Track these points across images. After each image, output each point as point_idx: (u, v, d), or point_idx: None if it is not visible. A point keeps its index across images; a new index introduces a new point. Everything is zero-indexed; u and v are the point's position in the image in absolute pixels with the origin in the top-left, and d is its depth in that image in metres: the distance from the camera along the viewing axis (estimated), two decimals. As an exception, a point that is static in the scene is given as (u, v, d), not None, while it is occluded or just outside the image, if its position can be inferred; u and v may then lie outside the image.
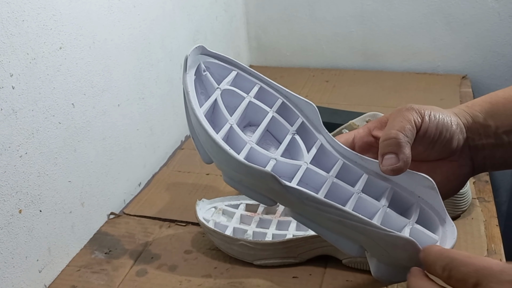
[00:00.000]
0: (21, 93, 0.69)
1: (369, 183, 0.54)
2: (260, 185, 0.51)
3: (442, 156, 0.57)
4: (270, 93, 0.57)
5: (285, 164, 0.53)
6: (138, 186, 1.00)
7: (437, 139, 0.55)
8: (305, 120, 0.56)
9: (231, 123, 0.53)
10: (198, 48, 0.55)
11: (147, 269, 0.78)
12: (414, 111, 0.54)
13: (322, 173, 0.54)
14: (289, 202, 0.51)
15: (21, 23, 0.68)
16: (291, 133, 0.55)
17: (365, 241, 0.50)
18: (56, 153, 0.76)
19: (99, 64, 0.85)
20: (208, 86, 0.56)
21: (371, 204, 0.53)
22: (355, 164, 0.55)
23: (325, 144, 0.56)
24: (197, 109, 0.52)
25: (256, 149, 0.53)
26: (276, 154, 0.53)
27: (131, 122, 0.96)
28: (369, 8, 1.44)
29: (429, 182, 0.53)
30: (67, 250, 0.81)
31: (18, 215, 0.70)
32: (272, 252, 0.77)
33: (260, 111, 0.56)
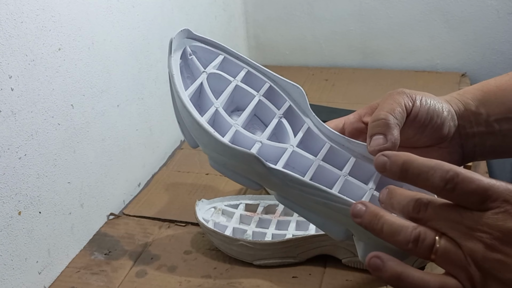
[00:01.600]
0: (20, 94, 0.69)
1: (357, 166, 0.54)
2: (245, 168, 0.50)
3: (432, 143, 0.57)
4: (257, 77, 0.56)
5: (271, 147, 0.53)
6: (137, 187, 1.00)
7: (427, 124, 0.55)
8: (292, 104, 0.56)
9: (217, 106, 0.53)
10: (184, 31, 0.55)
11: (147, 270, 0.79)
12: (405, 95, 0.54)
13: (309, 156, 0.53)
14: (274, 185, 0.51)
15: (20, 24, 0.68)
16: (277, 116, 0.55)
17: (351, 223, 0.49)
18: (56, 154, 0.76)
19: (98, 65, 0.85)
20: (195, 70, 0.55)
21: (357, 187, 0.52)
22: (342, 147, 0.55)
23: (312, 128, 0.55)
24: (182, 92, 0.52)
25: (242, 132, 0.53)
26: (261, 137, 0.53)
27: (130, 122, 0.96)
28: (368, 6, 1.44)
29: None
30: (66, 252, 0.81)
31: (17, 217, 0.70)
32: (272, 252, 0.77)
33: (247, 95, 0.56)
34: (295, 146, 0.53)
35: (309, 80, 1.43)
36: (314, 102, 1.26)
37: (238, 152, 0.49)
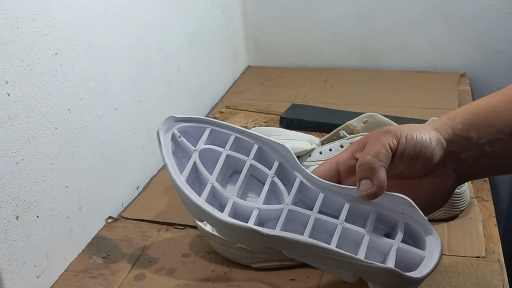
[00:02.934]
0: (17, 99, 0.69)
1: (353, 210, 0.57)
2: (249, 236, 0.55)
3: (425, 172, 0.58)
4: (245, 141, 0.61)
5: (269, 211, 0.57)
6: (136, 190, 1.00)
7: (416, 158, 0.56)
8: (282, 161, 0.59)
9: (212, 183, 0.57)
10: (168, 119, 0.60)
11: (145, 273, 0.79)
12: (389, 134, 0.56)
13: (305, 212, 0.57)
14: (278, 246, 0.56)
15: (16, 29, 0.68)
16: (270, 177, 0.59)
17: (354, 270, 0.54)
18: (53, 158, 0.77)
19: (95, 68, 0.85)
20: (187, 150, 0.60)
21: (356, 233, 0.56)
22: (335, 194, 0.58)
23: (304, 181, 0.59)
24: (177, 178, 0.56)
25: (239, 203, 0.57)
26: (258, 203, 0.57)
27: (129, 125, 0.96)
28: (367, 7, 1.43)
29: (406, 201, 0.56)
30: (65, 255, 0.81)
31: (15, 222, 0.70)
32: (270, 255, 0.77)
33: (239, 161, 0.60)
34: (290, 204, 0.57)
35: (309, 81, 1.43)
36: (313, 103, 1.26)
37: (238, 227, 0.54)
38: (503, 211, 1.52)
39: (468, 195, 0.85)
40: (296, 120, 1.16)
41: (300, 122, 1.15)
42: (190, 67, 1.20)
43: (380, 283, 0.54)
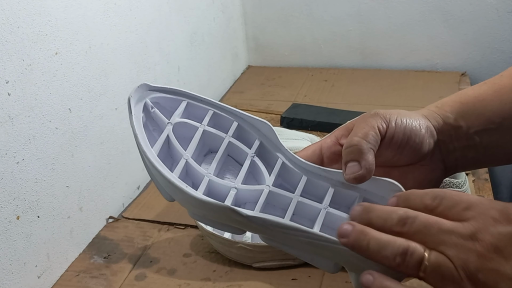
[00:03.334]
0: (17, 99, 0.69)
1: (337, 195, 0.53)
2: (224, 218, 0.50)
3: (412, 161, 0.55)
4: (224, 117, 0.56)
5: (247, 191, 0.53)
6: (137, 189, 1.00)
7: (405, 144, 0.53)
8: (263, 141, 0.55)
9: (186, 158, 0.52)
10: (141, 87, 0.55)
11: (146, 273, 0.79)
12: (378, 117, 0.53)
13: (286, 194, 0.53)
14: (256, 229, 0.51)
15: (16, 29, 0.68)
16: (250, 156, 0.54)
17: (338, 257, 0.50)
18: (54, 158, 0.76)
19: (95, 68, 0.85)
20: (160, 122, 0.55)
21: (340, 219, 0.52)
22: (319, 177, 0.54)
23: (286, 162, 0.54)
24: (148, 151, 0.52)
25: (215, 181, 0.52)
26: (236, 182, 0.52)
27: (129, 125, 0.95)
28: (366, 6, 1.43)
29: (395, 186, 0.52)
30: (65, 255, 0.81)
31: (16, 222, 0.70)
32: (271, 255, 0.77)
33: (217, 138, 0.55)
34: (271, 186, 0.53)
35: (308, 81, 1.43)
36: (313, 103, 1.26)
37: (213, 205, 0.48)
38: (503, 210, 1.51)
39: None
40: (296, 119, 1.16)
41: (300, 122, 1.15)
42: (190, 67, 1.20)
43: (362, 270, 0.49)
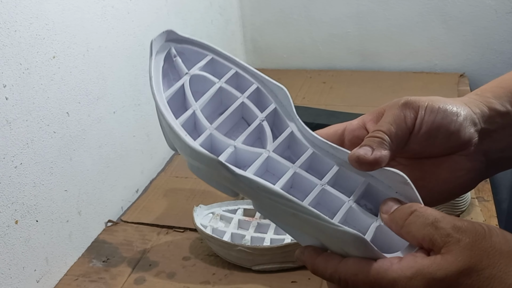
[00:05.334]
0: (15, 103, 0.69)
1: (341, 175, 0.50)
2: (215, 173, 0.48)
3: (449, 151, 0.50)
4: (245, 78, 0.54)
5: (246, 152, 0.51)
6: (135, 193, 0.99)
7: (436, 133, 0.48)
8: (278, 106, 0.53)
9: (194, 109, 0.51)
10: (166, 32, 0.53)
11: (145, 277, 0.78)
12: (407, 109, 0.49)
13: (285, 162, 0.50)
14: (245, 192, 0.48)
15: (13, 33, 0.68)
16: (259, 119, 0.52)
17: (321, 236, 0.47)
18: (52, 162, 0.76)
19: (93, 72, 0.84)
20: (180, 72, 0.54)
21: (336, 199, 0.49)
22: (326, 154, 0.51)
23: (296, 132, 0.52)
24: (158, 93, 0.51)
25: (216, 136, 0.50)
26: (236, 141, 0.50)
27: (127, 128, 0.96)
28: (365, 8, 1.43)
29: (401, 177, 0.48)
30: (64, 260, 0.80)
31: (14, 226, 0.70)
32: (271, 257, 0.77)
33: (233, 97, 0.53)
34: (271, 152, 0.51)
35: (307, 83, 1.42)
36: (312, 105, 1.26)
37: (204, 157, 0.47)
38: (503, 211, 1.51)
39: (469, 196, 0.85)
40: (295, 121, 1.15)
41: (299, 124, 1.15)
42: (189, 70, 1.19)
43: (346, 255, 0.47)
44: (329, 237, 0.46)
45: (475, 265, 0.40)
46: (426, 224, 0.42)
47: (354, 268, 0.43)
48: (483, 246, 0.40)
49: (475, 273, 0.40)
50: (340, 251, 0.46)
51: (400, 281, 0.40)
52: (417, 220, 0.43)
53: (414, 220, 0.43)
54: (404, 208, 0.45)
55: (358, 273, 0.42)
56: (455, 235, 0.41)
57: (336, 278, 0.44)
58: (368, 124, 0.52)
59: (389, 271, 0.41)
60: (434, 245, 0.41)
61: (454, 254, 0.40)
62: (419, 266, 0.40)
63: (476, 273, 0.40)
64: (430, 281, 0.40)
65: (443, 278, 0.40)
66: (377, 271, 0.41)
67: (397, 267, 0.41)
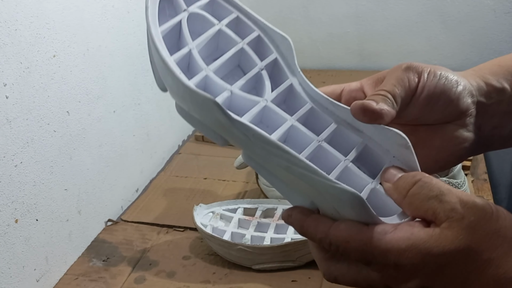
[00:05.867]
0: (15, 102, 0.69)
1: (338, 134, 0.48)
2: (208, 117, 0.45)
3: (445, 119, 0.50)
4: (246, 24, 0.51)
5: (242, 99, 0.48)
6: (135, 192, 0.99)
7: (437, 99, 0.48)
8: (279, 57, 0.50)
9: (191, 48, 0.48)
10: None
11: (146, 276, 0.78)
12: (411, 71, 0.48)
13: (283, 114, 0.48)
14: (237, 140, 0.45)
15: (14, 32, 0.68)
16: (258, 68, 0.49)
17: (314, 194, 0.45)
18: (52, 161, 0.76)
19: (93, 71, 0.84)
20: (177, 8, 0.50)
21: (331, 156, 0.47)
22: (325, 110, 0.49)
23: (295, 85, 0.49)
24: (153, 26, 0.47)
25: (211, 78, 0.47)
26: (233, 86, 0.47)
27: (127, 128, 0.95)
28: (364, 8, 1.43)
29: (403, 139, 0.46)
30: (64, 259, 0.80)
31: (14, 225, 0.70)
32: (271, 256, 0.77)
33: (231, 42, 0.50)
34: (269, 101, 0.48)
35: (307, 83, 1.42)
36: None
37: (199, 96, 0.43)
38: (502, 211, 1.51)
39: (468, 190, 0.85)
40: (295, 121, 1.15)
41: (299, 124, 1.15)
42: (188, 69, 1.19)
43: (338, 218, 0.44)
44: (323, 195, 0.44)
45: (476, 246, 0.38)
46: (430, 196, 0.40)
47: (346, 235, 0.41)
48: (487, 227, 0.38)
49: (473, 254, 0.38)
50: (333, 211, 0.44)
51: (393, 252, 0.39)
52: (421, 191, 0.41)
53: (418, 191, 0.41)
54: (407, 177, 0.43)
55: (350, 240, 0.40)
56: (460, 210, 0.39)
57: (326, 242, 0.42)
58: (366, 87, 0.51)
59: (383, 240, 0.39)
60: (436, 218, 0.39)
61: (456, 232, 0.38)
62: (415, 239, 0.39)
63: (475, 254, 0.38)
64: (425, 256, 0.38)
65: (440, 255, 0.38)
66: (369, 240, 0.40)
67: (391, 237, 0.39)
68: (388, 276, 0.40)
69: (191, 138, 1.19)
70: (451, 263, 0.38)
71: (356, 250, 0.40)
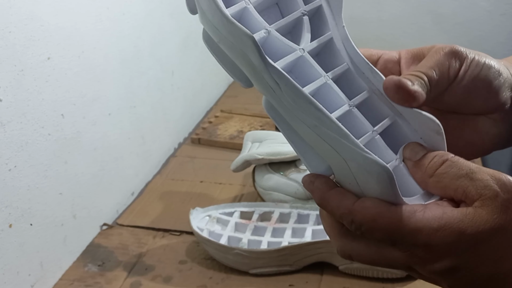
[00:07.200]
0: (9, 105, 0.68)
1: (369, 103, 0.45)
2: (239, 53, 0.42)
3: (480, 111, 0.47)
4: None
5: (278, 42, 0.44)
6: (131, 196, 0.98)
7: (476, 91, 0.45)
8: (324, 5, 0.46)
9: None
10: None
11: (141, 281, 0.77)
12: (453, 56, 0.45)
13: (318, 68, 0.44)
14: (264, 86, 0.43)
15: (8, 34, 0.67)
16: (300, 12, 0.45)
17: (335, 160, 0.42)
18: (46, 165, 0.75)
19: (88, 73, 0.84)
20: None
21: (360, 124, 0.44)
22: (361, 75, 0.45)
23: (336, 40, 0.46)
24: None
25: (251, 12, 0.43)
26: (271, 26, 0.43)
27: (122, 131, 0.95)
28: (359, 10, 1.43)
29: (436, 125, 0.43)
30: (59, 264, 0.79)
31: (8, 230, 0.69)
32: (268, 261, 0.76)
33: None
34: (306, 52, 0.44)
35: (302, 85, 1.42)
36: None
37: (236, 30, 0.40)
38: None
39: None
40: (291, 123, 1.15)
41: (295, 126, 1.15)
42: (184, 72, 1.19)
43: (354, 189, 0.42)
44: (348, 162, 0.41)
45: (510, 224, 0.36)
46: (460, 175, 0.38)
47: (373, 212, 0.38)
48: None
49: (508, 233, 0.37)
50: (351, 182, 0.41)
51: (424, 232, 0.37)
52: (450, 170, 0.39)
53: (447, 170, 0.39)
54: (433, 155, 0.41)
55: (377, 218, 0.38)
56: (494, 187, 0.37)
57: (348, 219, 0.39)
58: (403, 61, 0.48)
59: (413, 219, 0.37)
60: (467, 197, 0.38)
61: (490, 211, 0.37)
62: (448, 218, 0.37)
63: (509, 233, 0.37)
64: (459, 236, 0.36)
65: (475, 234, 0.36)
66: (399, 219, 0.38)
67: (422, 216, 0.37)
68: (415, 256, 0.38)
69: (187, 140, 1.18)
70: (485, 243, 0.37)
71: (384, 229, 0.38)
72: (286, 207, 0.84)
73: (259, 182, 0.91)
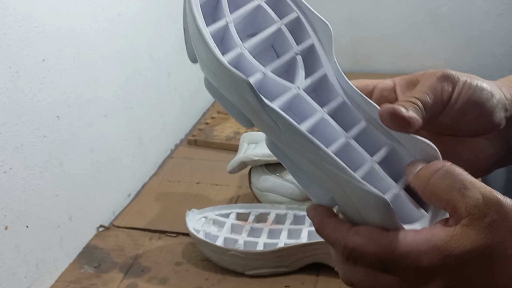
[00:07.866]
0: (4, 107, 0.68)
1: (366, 133, 0.46)
2: (237, 96, 0.44)
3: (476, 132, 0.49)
4: (286, 4, 0.49)
5: (274, 83, 0.46)
6: (127, 197, 0.98)
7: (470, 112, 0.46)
8: (316, 43, 0.48)
9: (228, 21, 0.46)
10: None
11: (138, 283, 0.77)
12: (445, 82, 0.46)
13: (314, 105, 0.46)
14: (264, 125, 0.44)
15: (3, 36, 0.67)
16: (293, 52, 0.47)
17: (337, 191, 0.43)
18: (42, 167, 0.75)
19: (84, 75, 0.83)
20: None
21: (359, 155, 0.45)
22: (356, 106, 0.47)
23: (330, 75, 0.47)
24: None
25: (246, 56, 0.45)
26: (266, 68, 0.45)
27: (119, 132, 0.95)
28: (357, 11, 1.43)
29: (432, 150, 0.44)
30: (55, 266, 0.79)
31: (4, 232, 0.69)
32: (264, 262, 0.76)
33: (268, 21, 0.48)
34: (301, 89, 0.46)
35: (300, 85, 1.42)
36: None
37: (232, 75, 0.42)
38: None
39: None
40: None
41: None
42: (181, 73, 1.19)
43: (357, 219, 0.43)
44: (348, 194, 0.42)
45: (497, 244, 0.37)
46: (453, 188, 0.39)
47: (365, 238, 0.39)
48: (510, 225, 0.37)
49: (495, 253, 0.37)
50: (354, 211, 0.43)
51: (412, 255, 0.37)
52: (443, 181, 0.39)
53: (440, 181, 0.40)
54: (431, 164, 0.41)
55: (369, 243, 0.39)
56: (483, 208, 0.37)
57: (340, 245, 0.40)
58: (398, 88, 0.49)
59: (403, 243, 0.38)
60: (456, 213, 0.38)
61: (477, 231, 0.37)
62: (436, 241, 0.37)
63: (497, 252, 0.37)
64: (446, 257, 0.37)
65: (460, 255, 0.37)
66: (389, 243, 0.38)
67: (412, 239, 0.38)
68: (407, 280, 0.39)
69: (184, 142, 1.18)
70: (472, 263, 0.37)
71: (374, 253, 0.39)
72: (282, 208, 0.83)
73: (255, 184, 0.91)
